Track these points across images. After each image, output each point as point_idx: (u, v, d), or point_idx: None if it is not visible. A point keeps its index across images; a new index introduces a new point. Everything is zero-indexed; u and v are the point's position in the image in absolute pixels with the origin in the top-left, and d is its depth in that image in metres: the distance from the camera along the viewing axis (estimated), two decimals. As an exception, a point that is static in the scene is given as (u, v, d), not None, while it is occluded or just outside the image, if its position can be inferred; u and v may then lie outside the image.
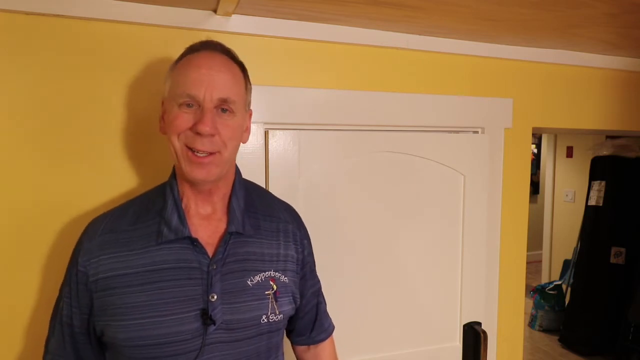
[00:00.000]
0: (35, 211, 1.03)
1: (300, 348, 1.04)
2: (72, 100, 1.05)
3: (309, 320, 1.01)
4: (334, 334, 1.08)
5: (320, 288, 1.04)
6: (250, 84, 0.89)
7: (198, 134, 0.78)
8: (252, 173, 1.17)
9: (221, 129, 0.80)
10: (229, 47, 0.87)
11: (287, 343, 1.04)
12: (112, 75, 1.07)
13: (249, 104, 0.90)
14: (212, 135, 0.79)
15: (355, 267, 1.34)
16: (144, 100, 1.10)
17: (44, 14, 1.01)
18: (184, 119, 0.79)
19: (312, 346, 1.04)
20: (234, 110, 0.82)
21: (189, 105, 0.79)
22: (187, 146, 0.79)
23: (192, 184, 0.83)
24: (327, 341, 1.05)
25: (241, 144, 0.89)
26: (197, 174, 0.80)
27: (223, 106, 0.80)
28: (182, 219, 0.82)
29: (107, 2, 1.03)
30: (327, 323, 1.05)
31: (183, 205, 0.84)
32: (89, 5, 1.02)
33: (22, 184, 1.02)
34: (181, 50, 0.87)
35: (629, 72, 1.73)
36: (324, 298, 1.06)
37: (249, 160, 1.19)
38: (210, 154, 0.80)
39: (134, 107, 1.10)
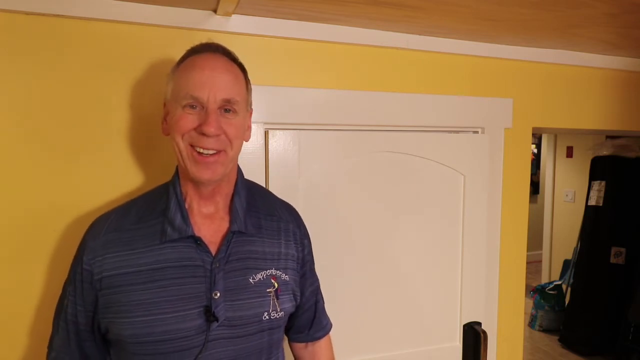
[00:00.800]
0: (36, 211, 1.03)
1: (298, 345, 1.05)
2: (72, 100, 1.05)
3: (308, 318, 1.02)
4: (334, 332, 1.09)
5: (318, 286, 1.05)
6: (250, 84, 0.91)
7: (203, 134, 0.79)
8: (252, 173, 1.17)
9: (226, 128, 0.81)
10: (229, 48, 0.88)
11: (285, 340, 1.05)
12: (112, 75, 1.07)
13: (250, 103, 0.91)
14: (218, 135, 0.80)
15: (355, 267, 1.34)
16: (144, 100, 1.10)
17: (44, 14, 1.01)
18: (189, 120, 0.80)
19: (309, 343, 1.05)
20: (237, 110, 0.83)
21: (192, 107, 0.80)
22: (192, 146, 0.81)
23: (196, 183, 0.84)
24: (325, 339, 1.06)
25: (243, 142, 0.90)
26: (203, 174, 0.81)
27: (226, 107, 0.82)
28: (185, 218, 0.83)
29: (107, 2, 1.03)
30: (325, 321, 1.06)
31: (186, 205, 0.86)
32: (89, 5, 1.02)
33: (22, 184, 1.02)
34: (181, 51, 0.88)
35: (629, 72, 1.73)
36: (322, 296, 1.07)
37: (249, 160, 1.19)
38: (217, 152, 0.81)
39: (134, 107, 1.10)
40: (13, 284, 1.03)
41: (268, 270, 0.88)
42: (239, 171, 0.93)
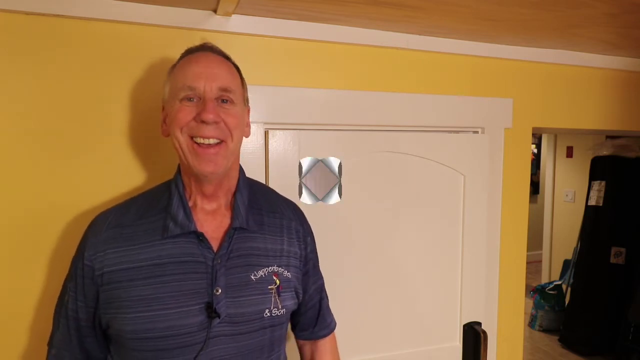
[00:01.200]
0: (36, 211, 1.03)
1: (303, 342, 1.06)
2: (72, 100, 1.05)
3: (312, 316, 1.03)
4: (335, 332, 1.09)
5: (323, 284, 1.06)
6: (245, 82, 0.92)
7: (203, 122, 0.80)
8: (252, 173, 1.17)
9: (225, 117, 0.82)
10: (229, 48, 0.89)
11: (289, 337, 1.05)
12: (112, 75, 1.07)
13: (246, 99, 0.92)
14: (217, 122, 0.81)
15: (355, 267, 1.34)
16: (144, 99, 1.10)
17: (44, 14, 1.01)
18: (187, 111, 0.81)
19: (314, 341, 1.05)
20: (234, 100, 0.84)
21: (190, 99, 0.81)
22: (191, 138, 0.81)
23: (199, 180, 0.85)
24: (329, 337, 1.07)
25: (243, 141, 0.90)
26: (205, 167, 0.81)
27: (223, 96, 0.83)
28: (188, 214, 0.84)
29: (107, 2, 1.03)
30: (329, 319, 1.07)
31: (190, 203, 0.86)
32: (89, 5, 1.02)
33: (22, 184, 1.02)
34: (181, 51, 0.89)
35: (629, 72, 1.73)
36: (326, 294, 1.07)
37: (249, 160, 1.19)
38: (217, 144, 0.82)
39: (134, 106, 1.10)
40: (13, 284, 1.03)
41: (270, 267, 0.88)
42: (241, 170, 0.94)
